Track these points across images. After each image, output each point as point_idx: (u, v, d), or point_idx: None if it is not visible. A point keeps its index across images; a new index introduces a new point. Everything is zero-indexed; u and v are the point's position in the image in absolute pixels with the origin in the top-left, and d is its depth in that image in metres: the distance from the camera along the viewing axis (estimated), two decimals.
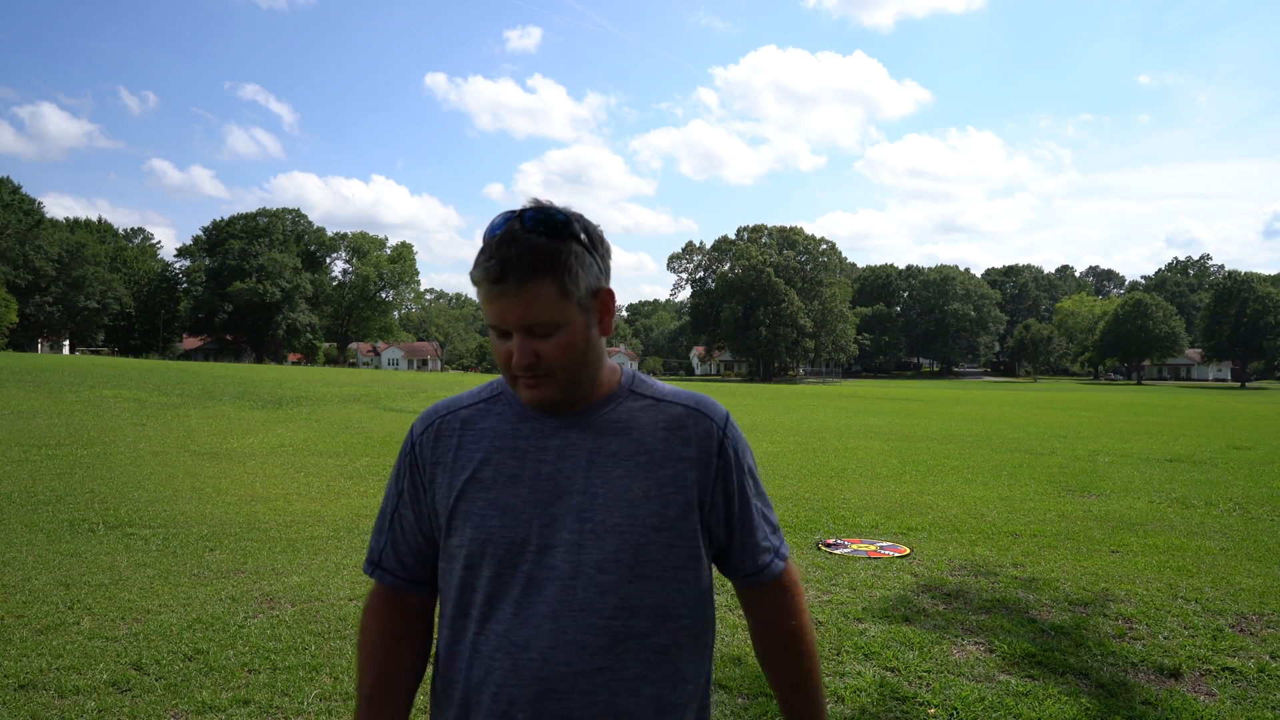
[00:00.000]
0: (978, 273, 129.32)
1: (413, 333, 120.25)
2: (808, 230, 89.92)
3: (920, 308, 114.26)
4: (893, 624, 4.77)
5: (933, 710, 3.66)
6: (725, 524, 1.32)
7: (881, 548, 6.76)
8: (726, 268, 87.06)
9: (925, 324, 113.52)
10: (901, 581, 5.70)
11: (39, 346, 69.39)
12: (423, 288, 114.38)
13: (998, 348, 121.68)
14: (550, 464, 1.26)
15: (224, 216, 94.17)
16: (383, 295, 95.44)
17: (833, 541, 6.95)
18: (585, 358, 1.25)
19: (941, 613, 5.02)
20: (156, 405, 18.84)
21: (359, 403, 22.54)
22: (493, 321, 1.22)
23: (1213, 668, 4.23)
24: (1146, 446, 16.05)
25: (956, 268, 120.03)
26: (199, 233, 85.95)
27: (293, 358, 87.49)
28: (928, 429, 19.70)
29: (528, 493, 1.25)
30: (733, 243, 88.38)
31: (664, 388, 1.36)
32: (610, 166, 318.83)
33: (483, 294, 1.21)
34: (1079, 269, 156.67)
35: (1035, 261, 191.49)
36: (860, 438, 16.89)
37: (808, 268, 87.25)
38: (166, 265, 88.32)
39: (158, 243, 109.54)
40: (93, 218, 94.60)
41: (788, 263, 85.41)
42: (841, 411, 26.14)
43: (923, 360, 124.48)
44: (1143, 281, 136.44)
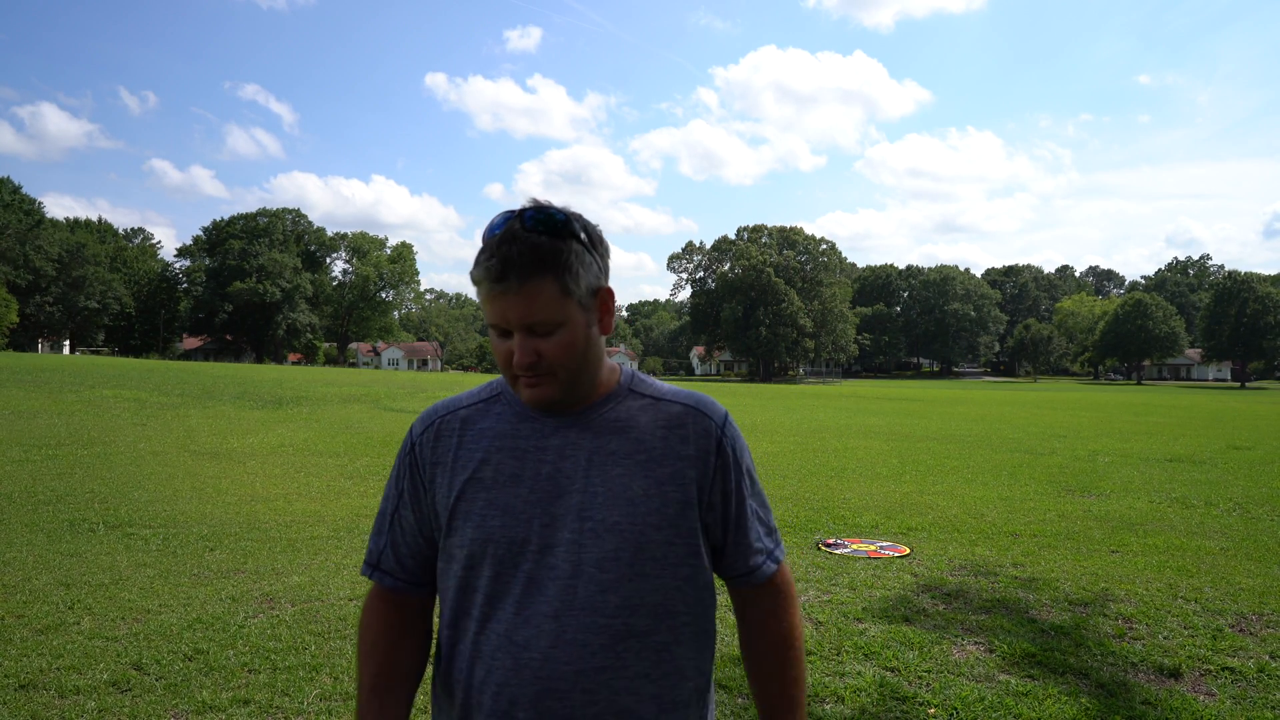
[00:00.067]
0: (978, 273, 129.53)
1: (413, 333, 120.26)
2: (808, 230, 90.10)
3: (920, 308, 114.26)
4: (893, 624, 4.77)
5: (933, 710, 3.66)
6: (721, 523, 1.32)
7: (881, 548, 6.76)
8: (726, 268, 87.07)
9: (925, 324, 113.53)
10: (901, 581, 5.70)
11: (39, 346, 69.37)
12: (423, 288, 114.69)
13: (998, 348, 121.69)
14: (550, 463, 1.26)
15: (224, 216, 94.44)
16: (383, 295, 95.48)
17: (833, 541, 6.96)
18: (586, 356, 1.25)
19: (941, 613, 5.02)
20: (157, 405, 18.84)
21: (359, 403, 22.54)
22: (493, 320, 1.22)
23: (1213, 668, 4.23)
24: (1146, 446, 16.06)
25: (956, 268, 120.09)
26: (199, 233, 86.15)
27: (293, 358, 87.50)
28: (928, 429, 19.70)
29: (528, 492, 1.25)
30: (733, 243, 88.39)
31: (663, 387, 1.36)
32: (610, 166, 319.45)
33: (483, 293, 1.21)
34: (1079, 269, 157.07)
35: (1035, 261, 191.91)
36: (860, 438, 16.89)
37: (808, 268, 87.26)
38: (166, 265, 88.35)
39: (158, 243, 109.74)
40: (93, 218, 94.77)
41: (788, 263, 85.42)
42: (841, 411, 26.14)
43: (923, 360, 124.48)
44: (1143, 281, 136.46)
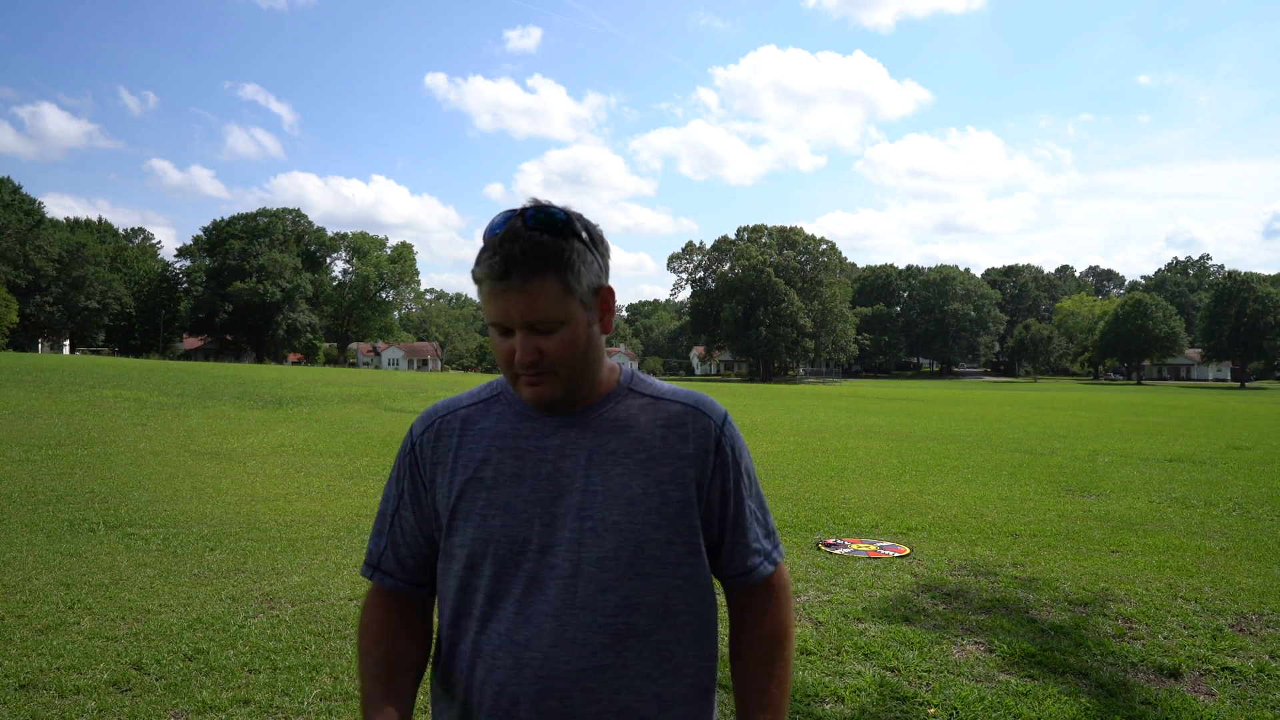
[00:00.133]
0: (978, 273, 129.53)
1: (413, 333, 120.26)
2: (808, 230, 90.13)
3: (920, 308, 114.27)
4: (893, 624, 4.77)
5: (933, 710, 3.66)
6: (719, 522, 1.32)
7: (881, 548, 6.76)
8: (726, 268, 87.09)
9: (925, 324, 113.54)
10: (901, 581, 5.70)
11: (39, 346, 69.36)
12: (423, 288, 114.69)
13: (998, 348, 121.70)
14: (550, 463, 1.27)
15: (224, 216, 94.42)
16: (383, 295, 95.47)
17: (833, 541, 6.96)
18: (587, 355, 1.25)
19: (941, 613, 5.02)
20: (157, 405, 18.84)
21: (359, 403, 22.54)
22: (495, 319, 1.22)
23: (1212, 668, 4.23)
24: (1146, 446, 16.06)
25: (956, 268, 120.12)
26: (199, 233, 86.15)
27: (293, 358, 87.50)
28: (928, 429, 19.70)
29: (529, 492, 1.25)
30: (733, 243, 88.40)
31: (662, 386, 1.36)
32: (610, 166, 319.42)
33: (485, 291, 1.20)
34: (1079, 269, 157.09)
35: (1035, 261, 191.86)
36: (860, 438, 16.89)
37: (808, 268, 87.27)
38: (166, 265, 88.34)
39: (158, 243, 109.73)
40: (93, 218, 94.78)
41: (788, 263, 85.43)
42: (841, 411, 26.14)
43: (923, 360, 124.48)
44: (1143, 281, 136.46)
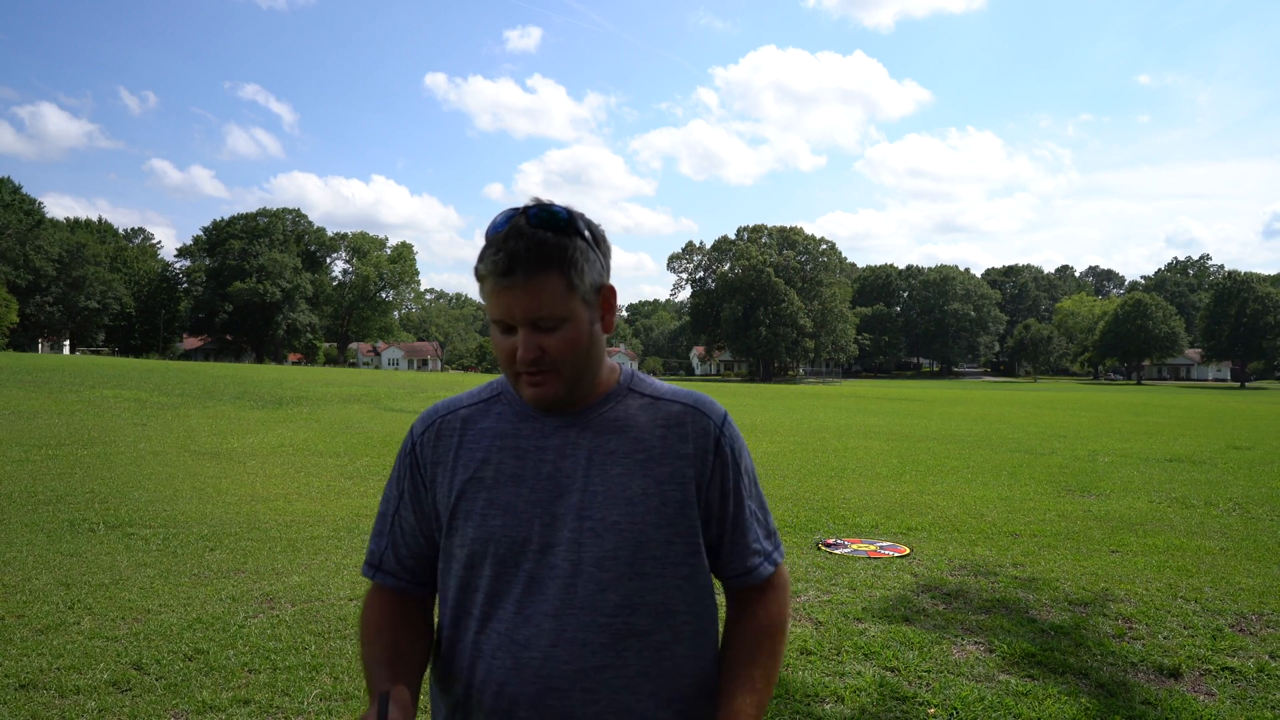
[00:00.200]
0: (978, 273, 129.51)
1: (413, 333, 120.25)
2: (808, 230, 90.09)
3: (920, 308, 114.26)
4: (893, 624, 4.77)
5: (933, 710, 3.66)
6: (719, 522, 1.32)
7: (881, 548, 6.76)
8: (726, 268, 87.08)
9: (925, 324, 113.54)
10: (901, 581, 5.70)
11: (39, 346, 69.35)
12: (423, 288, 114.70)
13: (998, 348, 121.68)
14: (550, 463, 1.26)
15: (224, 216, 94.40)
16: (383, 295, 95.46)
17: (833, 541, 6.96)
18: (589, 354, 1.25)
19: (941, 613, 5.02)
20: (157, 405, 18.84)
21: (359, 403, 22.54)
22: (497, 316, 1.22)
23: (1212, 667, 4.23)
24: (1146, 446, 16.06)
25: (956, 268, 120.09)
26: (199, 233, 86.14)
27: (293, 358, 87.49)
28: (928, 429, 19.70)
29: (529, 492, 1.25)
30: (733, 243, 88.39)
31: (662, 386, 1.36)
32: (610, 166, 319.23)
33: (488, 288, 1.20)
34: (1079, 269, 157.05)
35: (1035, 261, 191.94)
36: (860, 438, 16.89)
37: (808, 268, 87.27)
38: (167, 265, 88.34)
39: (158, 243, 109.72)
40: (93, 218, 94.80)
41: (788, 263, 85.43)
42: (841, 411, 26.14)
43: (923, 360, 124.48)
44: (1142, 281, 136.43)
